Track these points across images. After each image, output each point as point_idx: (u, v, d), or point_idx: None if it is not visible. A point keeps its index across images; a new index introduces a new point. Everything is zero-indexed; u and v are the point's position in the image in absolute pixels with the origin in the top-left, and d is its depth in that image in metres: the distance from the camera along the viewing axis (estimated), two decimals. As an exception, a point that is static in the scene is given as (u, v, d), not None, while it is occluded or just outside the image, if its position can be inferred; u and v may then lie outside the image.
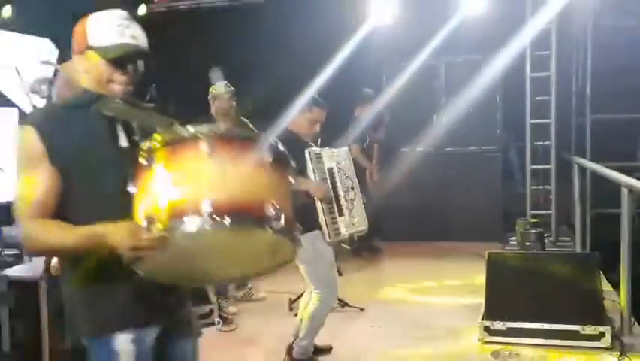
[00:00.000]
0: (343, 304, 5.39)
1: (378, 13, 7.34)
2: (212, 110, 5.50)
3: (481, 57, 7.55)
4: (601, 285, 4.64)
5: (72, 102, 2.12)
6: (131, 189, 1.81)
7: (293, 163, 1.99)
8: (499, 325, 4.43)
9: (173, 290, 2.09)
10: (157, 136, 1.81)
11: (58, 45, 7.53)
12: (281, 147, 1.91)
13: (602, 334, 4.20)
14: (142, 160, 1.80)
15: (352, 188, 4.12)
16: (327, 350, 4.40)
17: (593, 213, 7.11)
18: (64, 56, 7.53)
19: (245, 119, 5.49)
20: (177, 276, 1.99)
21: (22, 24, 6.79)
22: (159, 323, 2.07)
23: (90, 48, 2.02)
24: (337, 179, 4.07)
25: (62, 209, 1.96)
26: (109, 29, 2.01)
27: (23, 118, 2.04)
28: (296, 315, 4.69)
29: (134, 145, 1.95)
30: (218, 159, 1.75)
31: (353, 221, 4.09)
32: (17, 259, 4.47)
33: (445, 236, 7.71)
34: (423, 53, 7.65)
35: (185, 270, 1.97)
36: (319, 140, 4.42)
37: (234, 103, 5.48)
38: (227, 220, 1.67)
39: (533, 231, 6.33)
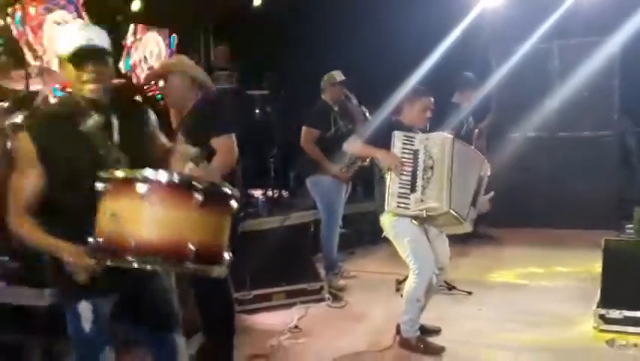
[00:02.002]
0: (451, 287, 5.43)
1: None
2: (325, 97, 5.69)
3: (597, 39, 7.26)
4: None
5: (58, 110, 2.49)
6: (100, 187, 2.15)
7: None
8: (615, 313, 4.32)
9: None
10: (111, 171, 2.16)
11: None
12: (219, 188, 2.21)
13: None
14: (99, 186, 2.14)
15: (432, 168, 4.12)
16: (435, 332, 4.46)
17: None
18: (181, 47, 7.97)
19: (350, 95, 5.63)
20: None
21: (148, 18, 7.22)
22: (119, 289, 2.42)
23: (60, 58, 2.35)
24: (420, 159, 4.11)
25: (45, 204, 2.32)
26: (67, 38, 2.32)
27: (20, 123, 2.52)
28: (402, 295, 4.80)
29: (102, 159, 2.30)
30: (151, 202, 2.07)
31: (423, 198, 4.08)
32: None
33: (556, 223, 7.52)
34: (534, 35, 7.46)
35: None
36: (427, 125, 4.49)
37: (344, 91, 5.67)
38: (147, 259, 2.04)
39: (652, 218, 6.05)
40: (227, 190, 2.23)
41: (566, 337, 4.40)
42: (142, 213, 2.08)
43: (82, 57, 2.29)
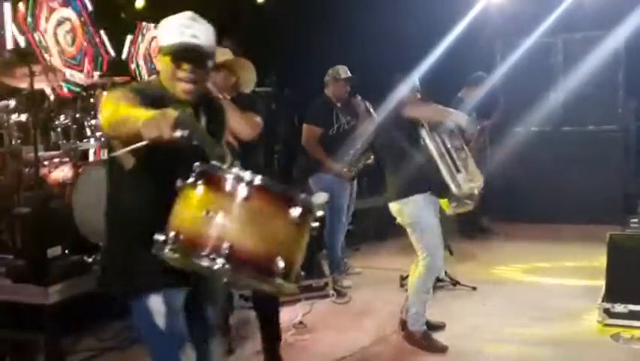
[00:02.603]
0: (455, 283, 5.43)
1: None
2: (328, 92, 5.66)
3: (601, 33, 7.23)
4: None
5: (154, 91, 2.24)
6: (179, 182, 2.02)
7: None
8: (620, 307, 4.33)
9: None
10: (209, 163, 2.03)
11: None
12: (312, 204, 2.07)
13: None
14: (190, 179, 2.00)
15: (462, 148, 4.25)
16: (440, 327, 4.47)
17: None
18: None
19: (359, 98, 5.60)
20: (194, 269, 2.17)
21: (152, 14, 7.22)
22: (186, 285, 2.28)
23: (159, 48, 2.24)
24: (448, 144, 4.19)
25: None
26: (172, 30, 2.20)
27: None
28: (406, 290, 4.80)
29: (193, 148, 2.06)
30: (251, 207, 1.96)
31: (470, 177, 4.20)
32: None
33: (560, 218, 7.51)
34: (539, 29, 7.44)
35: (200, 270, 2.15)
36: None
37: (348, 88, 5.64)
38: (236, 267, 1.91)
39: (657, 213, 6.03)
40: (319, 212, 2.11)
41: (570, 331, 4.40)
42: (240, 216, 1.95)
43: (181, 55, 2.17)
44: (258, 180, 1.98)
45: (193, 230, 1.95)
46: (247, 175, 1.97)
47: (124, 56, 7.15)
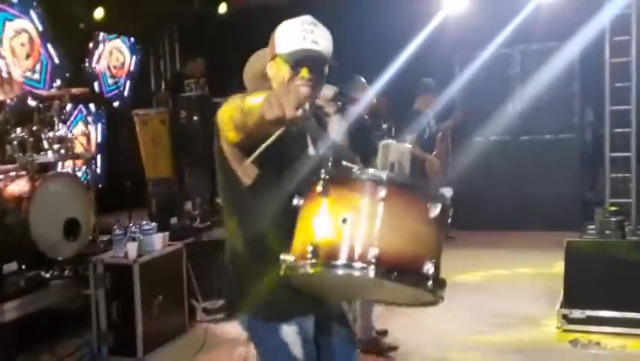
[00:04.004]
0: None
1: (450, 2, 7.33)
2: None
3: (557, 44, 7.41)
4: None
5: None
6: (297, 201, 1.88)
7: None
8: (578, 313, 4.41)
9: None
10: (337, 168, 1.90)
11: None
12: (447, 199, 1.89)
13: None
14: (318, 187, 1.83)
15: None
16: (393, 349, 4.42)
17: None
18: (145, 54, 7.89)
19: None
20: (321, 293, 2.09)
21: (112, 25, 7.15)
22: (316, 311, 2.15)
23: (276, 55, 2.09)
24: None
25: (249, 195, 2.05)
26: (292, 35, 2.07)
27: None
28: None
29: (316, 159, 2.00)
30: (390, 208, 1.77)
31: None
32: (109, 244, 4.78)
33: (519, 225, 7.64)
34: (496, 41, 7.58)
35: (330, 293, 2.09)
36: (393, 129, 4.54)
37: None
38: (387, 272, 1.72)
39: (613, 219, 6.18)
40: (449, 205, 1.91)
41: (530, 337, 4.47)
42: (380, 219, 1.76)
43: (302, 61, 2.03)
44: (394, 178, 1.85)
45: (331, 240, 1.76)
46: (383, 174, 1.80)
47: (83, 66, 7.06)
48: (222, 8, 8.26)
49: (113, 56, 7.53)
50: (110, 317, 4.19)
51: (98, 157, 6.47)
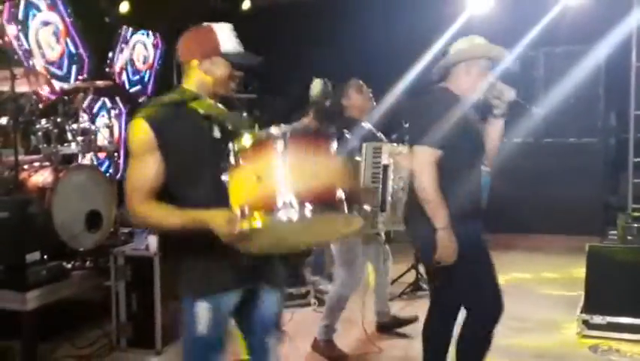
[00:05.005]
0: (436, 292, 5.44)
1: (474, 4, 7.29)
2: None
3: (582, 47, 7.34)
4: None
5: (174, 99, 2.37)
6: (224, 177, 2.13)
7: None
8: (598, 319, 4.37)
9: (261, 257, 2.33)
10: (244, 138, 2.12)
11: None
12: (346, 135, 2.16)
13: None
14: (231, 159, 2.11)
15: (403, 189, 4.12)
16: (411, 321, 4.60)
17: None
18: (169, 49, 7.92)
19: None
20: (268, 249, 2.29)
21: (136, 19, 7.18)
22: (243, 286, 2.38)
23: (219, 54, 2.36)
24: (390, 177, 4.13)
25: (165, 190, 2.27)
26: (231, 39, 2.40)
27: (135, 111, 2.47)
28: (391, 300, 4.84)
29: (226, 138, 2.23)
30: (294, 155, 2.04)
31: (394, 219, 4.14)
32: (130, 237, 4.82)
33: (540, 229, 7.58)
34: (521, 43, 7.51)
35: (275, 245, 2.28)
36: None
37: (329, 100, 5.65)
38: (308, 209, 1.97)
39: (636, 225, 6.11)
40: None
41: (549, 342, 4.43)
42: (287, 166, 2.04)
43: (245, 61, 2.43)
44: (287, 128, 2.08)
45: (254, 198, 2.02)
46: (276, 130, 2.07)
47: (107, 60, 7.11)
48: (246, 4, 8.29)
49: (137, 51, 7.57)
50: (130, 308, 4.22)
51: (121, 150, 6.51)
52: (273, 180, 2.02)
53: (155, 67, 7.82)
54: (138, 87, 7.61)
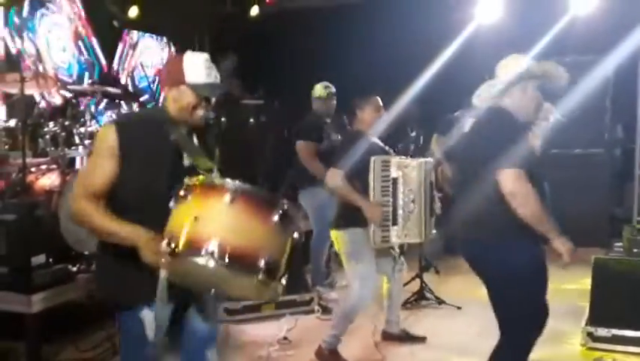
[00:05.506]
0: (440, 301, 5.45)
1: (482, 13, 7.29)
2: (317, 107, 5.69)
3: (591, 58, 7.32)
4: None
5: (150, 116, 2.58)
6: (171, 203, 2.22)
7: None
8: (603, 331, 4.35)
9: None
10: (198, 176, 2.25)
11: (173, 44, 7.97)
12: (289, 209, 2.28)
13: None
14: (181, 192, 2.21)
15: (414, 201, 4.15)
16: (421, 339, 4.60)
17: None
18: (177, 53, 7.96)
19: (345, 119, 5.61)
20: (177, 279, 2.26)
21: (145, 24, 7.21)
22: (176, 298, 2.38)
23: (184, 84, 2.45)
24: (400, 190, 4.14)
25: (112, 197, 2.37)
26: (200, 70, 2.46)
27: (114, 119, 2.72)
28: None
29: (185, 167, 2.40)
30: (235, 211, 2.15)
31: (406, 232, 4.16)
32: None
33: (546, 240, 7.54)
34: (530, 52, 7.50)
35: (182, 279, 2.28)
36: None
37: (333, 103, 5.65)
38: (225, 262, 2.07)
39: (642, 238, 6.08)
40: (298, 220, 2.38)
41: (554, 354, 4.40)
42: (226, 218, 2.15)
43: (209, 93, 2.49)
44: (242, 186, 2.20)
45: (185, 234, 2.11)
46: (232, 183, 2.20)
47: (116, 64, 7.14)
48: (254, 10, 8.31)
49: (145, 55, 7.61)
50: (134, 312, 4.21)
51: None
52: (209, 226, 2.12)
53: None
54: (146, 91, 7.65)
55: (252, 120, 7.55)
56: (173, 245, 2.10)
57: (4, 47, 5.64)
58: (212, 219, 2.14)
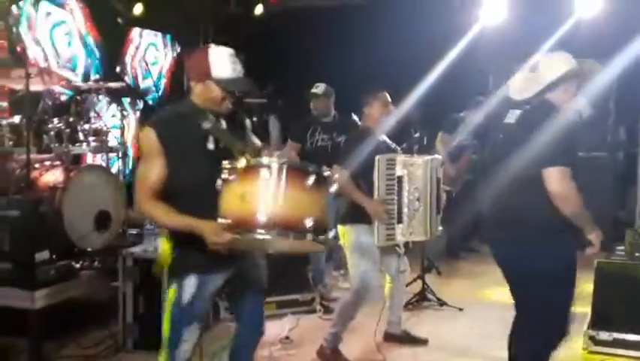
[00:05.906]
0: (442, 303, 5.45)
1: (487, 15, 7.29)
2: (312, 107, 5.72)
3: (595, 61, 7.31)
4: None
5: (179, 111, 2.72)
6: (217, 184, 2.46)
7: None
8: (605, 335, 4.34)
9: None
10: (239, 159, 2.47)
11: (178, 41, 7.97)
12: (323, 173, 2.54)
13: None
14: (225, 175, 2.46)
15: (419, 200, 4.15)
16: (423, 342, 4.59)
17: None
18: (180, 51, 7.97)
19: (354, 117, 5.60)
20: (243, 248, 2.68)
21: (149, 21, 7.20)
22: (226, 270, 2.74)
23: (211, 78, 2.61)
24: (405, 187, 4.14)
25: (166, 191, 2.60)
26: (225, 65, 2.64)
27: (146, 119, 2.88)
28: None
29: (219, 153, 2.58)
30: (276, 184, 2.40)
31: (411, 230, 4.17)
32: (139, 238, 4.83)
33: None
34: (533, 55, 7.50)
35: (249, 247, 2.73)
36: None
37: (328, 103, 5.65)
38: (278, 231, 2.37)
39: (644, 242, 6.08)
40: (327, 174, 2.59)
41: (556, 358, 4.40)
42: (269, 193, 2.39)
43: (235, 87, 2.67)
44: (277, 161, 2.42)
45: (235, 213, 2.40)
46: (268, 160, 2.43)
47: (120, 61, 7.14)
48: (258, 10, 8.31)
49: (149, 53, 7.61)
50: (137, 310, 4.23)
51: (131, 151, 6.52)
52: (255, 204, 2.39)
53: (167, 69, 7.85)
54: (150, 88, 7.65)
55: (255, 119, 7.56)
56: (229, 227, 2.38)
57: (8, 43, 5.63)
58: (258, 196, 2.39)
